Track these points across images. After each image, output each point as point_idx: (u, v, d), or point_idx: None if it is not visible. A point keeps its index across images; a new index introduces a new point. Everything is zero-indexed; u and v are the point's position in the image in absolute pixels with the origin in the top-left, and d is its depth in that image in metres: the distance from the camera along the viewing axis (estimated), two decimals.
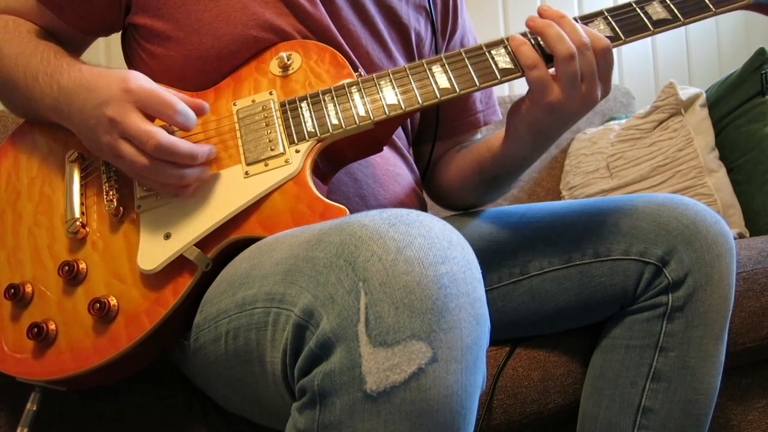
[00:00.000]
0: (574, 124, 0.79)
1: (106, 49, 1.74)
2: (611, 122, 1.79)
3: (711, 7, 0.77)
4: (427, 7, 0.95)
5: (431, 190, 1.06)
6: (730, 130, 1.52)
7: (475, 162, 0.91)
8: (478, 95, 1.01)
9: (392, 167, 0.91)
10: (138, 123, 0.68)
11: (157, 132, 0.67)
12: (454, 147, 1.02)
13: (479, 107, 1.01)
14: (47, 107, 0.76)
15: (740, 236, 1.42)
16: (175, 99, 0.70)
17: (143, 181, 0.73)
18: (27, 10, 0.83)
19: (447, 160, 1.00)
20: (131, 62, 0.89)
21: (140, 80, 0.70)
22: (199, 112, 0.73)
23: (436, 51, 0.96)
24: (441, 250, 0.52)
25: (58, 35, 0.84)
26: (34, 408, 0.71)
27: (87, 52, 0.91)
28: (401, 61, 0.91)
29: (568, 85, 0.72)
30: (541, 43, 0.74)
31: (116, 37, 0.91)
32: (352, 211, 0.68)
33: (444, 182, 1.00)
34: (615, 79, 2.23)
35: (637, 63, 2.24)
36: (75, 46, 0.86)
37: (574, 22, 0.73)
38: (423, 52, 0.95)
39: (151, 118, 0.69)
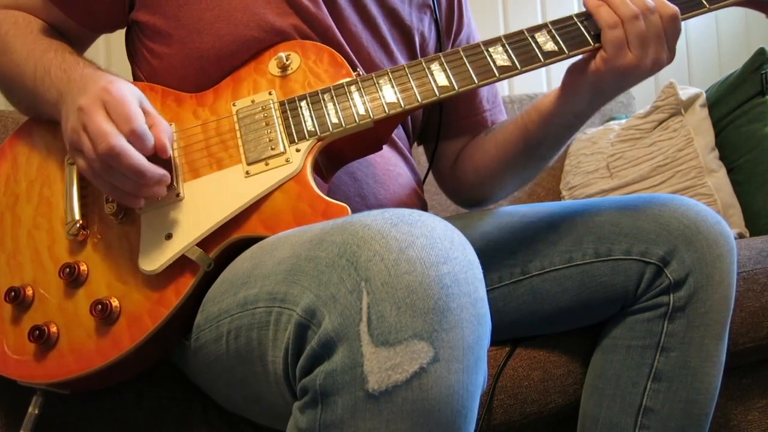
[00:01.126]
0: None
1: (106, 47, 1.73)
2: (611, 122, 1.79)
3: (704, 3, 0.78)
4: (431, 6, 0.95)
5: (452, 187, 1.05)
6: (730, 130, 1.52)
7: (519, 128, 0.91)
8: (485, 95, 1.01)
9: (392, 167, 0.91)
10: (99, 120, 0.66)
11: (113, 135, 0.65)
12: (464, 146, 1.01)
13: (486, 106, 1.01)
14: (50, 100, 0.75)
15: (740, 236, 1.42)
16: (139, 119, 0.68)
17: (98, 182, 0.69)
18: (33, 6, 0.84)
19: (474, 149, 0.99)
20: (134, 60, 0.89)
21: (122, 87, 0.70)
22: (161, 152, 0.70)
23: (441, 51, 0.96)
24: (443, 250, 0.52)
25: (63, 31, 0.85)
26: (36, 412, 0.71)
27: (87, 51, 0.91)
28: (403, 62, 0.91)
29: (637, 47, 0.73)
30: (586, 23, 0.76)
31: (116, 36, 0.92)
32: (352, 211, 0.68)
33: (473, 170, 0.99)
34: None
35: None
36: (79, 43, 0.86)
37: None
38: (427, 52, 0.95)
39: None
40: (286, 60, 0.79)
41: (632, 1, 0.74)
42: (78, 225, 0.73)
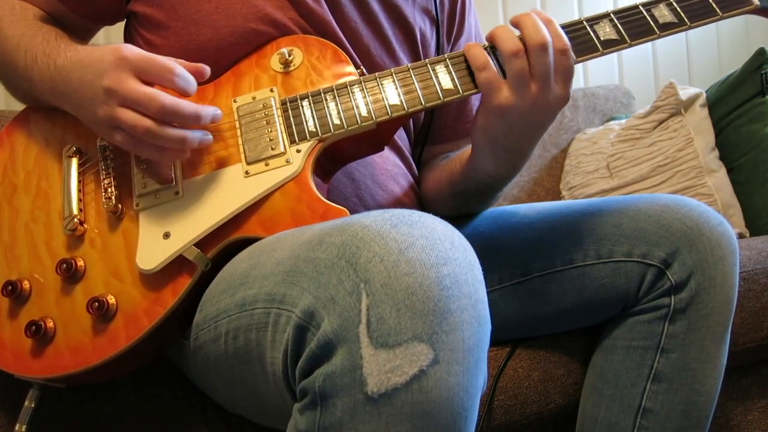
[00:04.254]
0: (540, 135, 0.77)
1: (106, 40, 1.73)
2: (611, 122, 1.79)
3: (717, 11, 0.76)
4: (433, 11, 0.94)
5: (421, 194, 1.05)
6: (730, 130, 1.52)
7: (447, 173, 0.91)
8: (475, 103, 1.00)
9: (391, 167, 0.91)
10: (137, 87, 0.67)
11: (159, 93, 0.67)
12: (443, 153, 1.01)
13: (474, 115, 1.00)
14: (45, 89, 0.75)
15: (740, 236, 1.42)
16: (174, 62, 0.70)
17: (142, 150, 0.70)
18: None
19: (430, 168, 0.99)
20: None
21: (133, 48, 0.70)
22: (199, 76, 0.72)
23: (440, 53, 0.95)
24: (443, 251, 0.51)
25: (64, 22, 0.84)
26: (32, 405, 0.71)
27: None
28: (404, 60, 0.90)
29: (516, 85, 0.71)
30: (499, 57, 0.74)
31: (116, 28, 0.91)
32: (350, 212, 0.68)
33: (423, 189, 0.99)
34: (615, 79, 2.23)
35: (637, 63, 2.23)
36: (79, 35, 0.86)
37: (537, 20, 0.71)
38: (428, 52, 0.94)
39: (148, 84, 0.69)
40: (289, 56, 0.78)
41: (531, 32, 0.70)
42: (76, 220, 0.73)
